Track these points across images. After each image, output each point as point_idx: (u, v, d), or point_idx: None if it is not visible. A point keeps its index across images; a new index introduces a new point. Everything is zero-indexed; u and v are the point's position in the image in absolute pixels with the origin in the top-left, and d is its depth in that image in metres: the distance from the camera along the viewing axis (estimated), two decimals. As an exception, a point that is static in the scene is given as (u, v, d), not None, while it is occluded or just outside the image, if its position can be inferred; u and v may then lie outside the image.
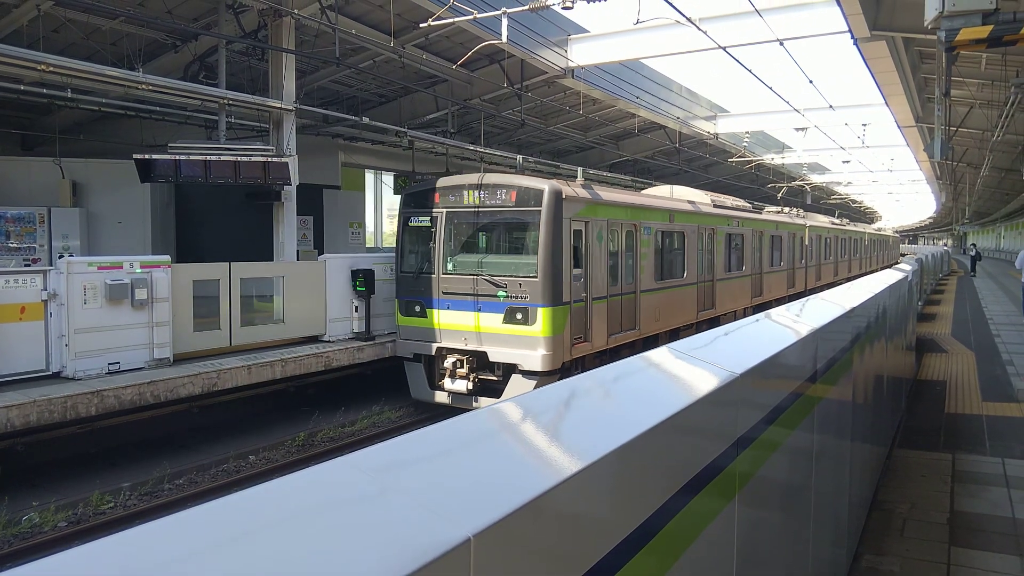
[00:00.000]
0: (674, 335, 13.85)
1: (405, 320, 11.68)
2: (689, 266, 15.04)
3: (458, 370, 10.88)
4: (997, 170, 26.97)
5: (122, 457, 9.14)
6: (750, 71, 15.77)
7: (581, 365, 11.05)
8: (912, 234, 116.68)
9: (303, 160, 14.24)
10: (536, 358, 10.39)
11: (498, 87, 18.16)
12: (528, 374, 10.49)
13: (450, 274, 11.23)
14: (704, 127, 28.20)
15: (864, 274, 22.92)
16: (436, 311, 11.26)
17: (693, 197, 17.28)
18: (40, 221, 15.35)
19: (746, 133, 30.03)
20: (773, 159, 34.99)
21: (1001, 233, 65.66)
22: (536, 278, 10.42)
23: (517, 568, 1.09)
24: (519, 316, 10.51)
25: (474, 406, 10.58)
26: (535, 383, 10.35)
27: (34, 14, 11.98)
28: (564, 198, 10.65)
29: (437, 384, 11.23)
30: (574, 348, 10.91)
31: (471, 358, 10.85)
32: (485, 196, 10.97)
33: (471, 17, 13.17)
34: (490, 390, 10.79)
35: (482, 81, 18.42)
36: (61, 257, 10.71)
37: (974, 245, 48.23)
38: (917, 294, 14.15)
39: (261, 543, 0.91)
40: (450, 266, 11.30)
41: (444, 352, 11.13)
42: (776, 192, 37.86)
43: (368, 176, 25.64)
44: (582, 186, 11.82)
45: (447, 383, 10.98)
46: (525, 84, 18.17)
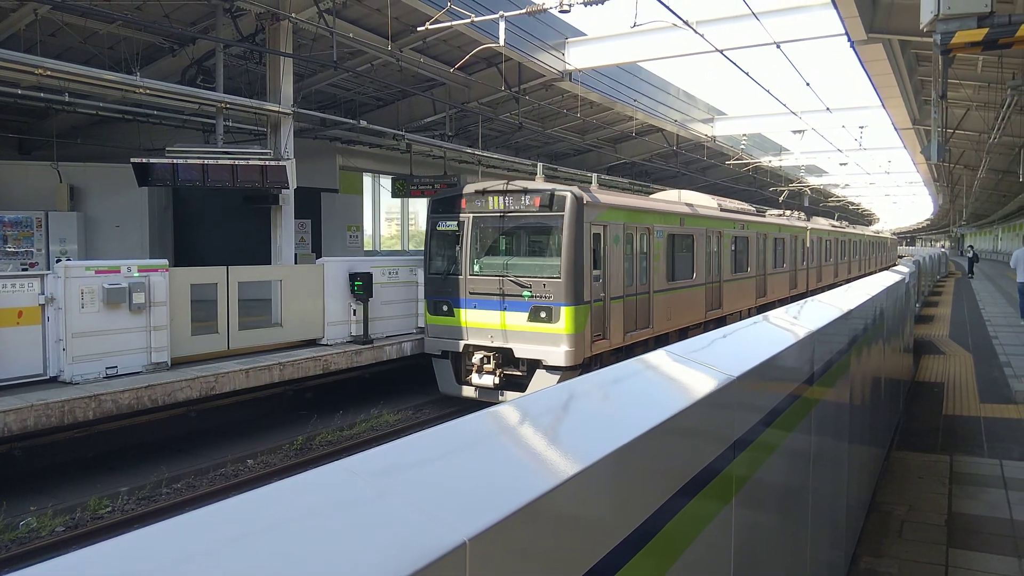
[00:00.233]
0: (683, 334, 14.17)
1: (433, 319, 12.17)
2: (698, 268, 15.50)
3: (485, 366, 11.42)
4: (994, 172, 27.06)
5: (120, 461, 9.11)
6: (747, 74, 15.77)
7: (600, 361, 11.48)
8: (910, 236, 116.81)
9: (301, 163, 14.25)
10: (560, 354, 10.89)
11: (496, 90, 18.20)
12: (552, 369, 10.97)
13: (477, 275, 11.75)
14: (702, 130, 28.25)
15: (863, 275, 22.96)
16: (463, 310, 11.78)
17: (700, 201, 17.68)
18: (38, 225, 15.35)
19: (743, 136, 30.10)
20: (771, 162, 35.05)
21: (998, 235, 65.76)
22: (559, 279, 10.96)
23: (513, 571, 1.09)
24: (543, 315, 11.03)
25: (499, 400, 11.01)
26: (559, 378, 10.74)
27: (31, 18, 11.97)
28: (585, 203, 11.15)
29: (464, 379, 11.74)
30: (594, 345, 11.41)
31: (497, 354, 11.39)
32: (510, 202, 11.47)
33: (469, 21, 13.20)
34: (515, 385, 11.32)
35: (480, 84, 18.43)
36: (59, 261, 10.69)
37: (971, 247, 48.26)
38: (915, 296, 14.17)
39: (257, 547, 0.91)
40: (477, 268, 11.81)
41: (471, 349, 11.61)
42: (774, 194, 37.89)
43: (366, 179, 25.61)
44: (599, 191, 12.31)
45: (474, 378, 11.54)
46: (523, 87, 18.19)
